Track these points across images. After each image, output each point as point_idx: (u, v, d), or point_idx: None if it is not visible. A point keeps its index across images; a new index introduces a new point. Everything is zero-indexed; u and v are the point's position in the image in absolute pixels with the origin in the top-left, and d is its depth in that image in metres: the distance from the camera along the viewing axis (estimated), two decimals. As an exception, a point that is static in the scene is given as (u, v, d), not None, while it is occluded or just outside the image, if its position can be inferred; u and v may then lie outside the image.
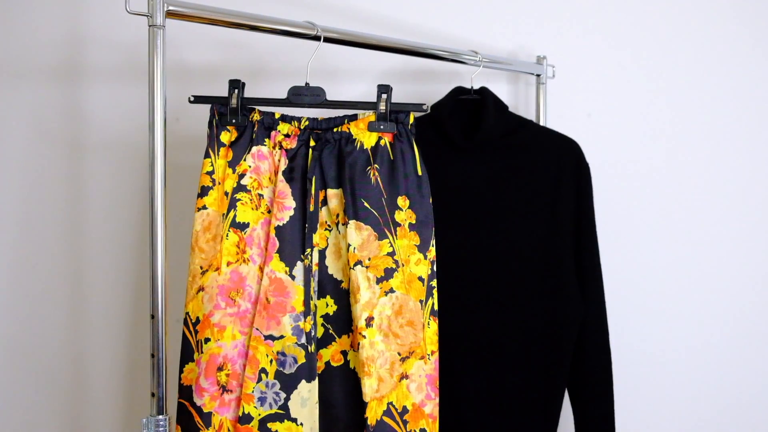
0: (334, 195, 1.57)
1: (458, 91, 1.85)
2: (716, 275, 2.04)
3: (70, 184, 2.16)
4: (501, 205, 1.78)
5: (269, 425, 1.50)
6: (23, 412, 2.24)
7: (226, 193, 1.57)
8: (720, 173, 2.05)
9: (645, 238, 2.06)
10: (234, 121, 1.60)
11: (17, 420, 2.24)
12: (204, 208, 1.58)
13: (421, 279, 1.56)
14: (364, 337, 1.50)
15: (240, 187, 1.57)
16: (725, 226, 2.05)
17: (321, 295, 1.56)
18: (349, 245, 1.53)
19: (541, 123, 2.00)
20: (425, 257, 1.57)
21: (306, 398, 1.52)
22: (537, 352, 1.77)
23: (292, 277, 1.53)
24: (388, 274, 1.54)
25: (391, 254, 1.54)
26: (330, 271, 1.57)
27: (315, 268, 1.56)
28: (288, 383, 1.51)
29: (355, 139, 1.59)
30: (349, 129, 1.60)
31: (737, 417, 2.03)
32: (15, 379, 2.23)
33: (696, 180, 2.05)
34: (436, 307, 1.57)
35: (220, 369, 1.51)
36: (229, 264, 1.54)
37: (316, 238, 1.56)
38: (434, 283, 1.57)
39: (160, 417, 1.45)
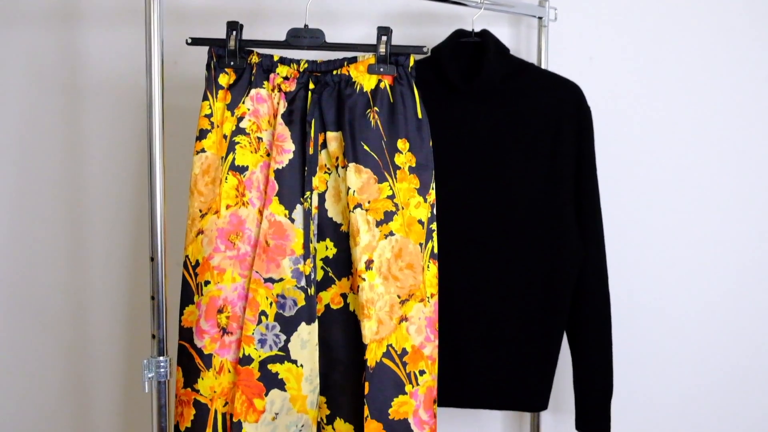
0: (333, 138, 1.56)
1: (459, 34, 1.83)
2: (718, 221, 2.04)
3: (68, 128, 2.15)
4: (501, 149, 1.78)
5: (269, 366, 1.51)
6: (24, 356, 2.25)
7: (225, 136, 1.56)
8: (723, 117, 2.04)
9: (645, 183, 2.05)
10: (232, 63, 1.58)
11: (18, 362, 2.26)
12: (203, 151, 1.57)
13: (420, 222, 1.55)
14: (364, 279, 1.51)
15: (239, 130, 1.56)
16: (727, 170, 2.04)
17: (320, 238, 1.57)
18: (349, 188, 1.52)
19: (543, 67, 1.98)
20: (425, 200, 1.56)
21: (306, 340, 1.52)
22: (536, 296, 1.77)
23: (292, 220, 1.53)
24: (388, 217, 1.53)
25: (391, 197, 1.54)
26: (329, 214, 1.57)
27: (314, 211, 1.55)
28: (288, 325, 1.52)
29: (355, 81, 1.58)
30: (348, 72, 1.58)
31: (736, 362, 2.04)
32: (16, 323, 2.24)
33: (697, 124, 2.04)
34: (435, 251, 1.57)
35: (220, 311, 1.52)
36: (228, 207, 1.54)
37: (316, 181, 1.56)
38: (434, 226, 1.57)
39: (161, 358, 1.46)
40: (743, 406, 2.04)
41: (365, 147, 1.54)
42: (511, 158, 1.77)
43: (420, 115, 1.58)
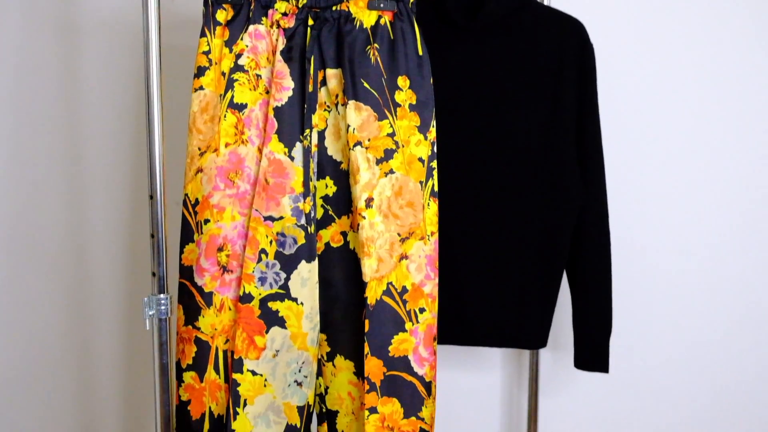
0: (333, 75, 1.55)
1: (460, -31, 1.80)
2: (720, 163, 2.03)
3: (65, 67, 2.13)
4: (503, 87, 1.76)
5: (270, 304, 1.52)
6: (25, 295, 2.26)
7: (223, 74, 1.55)
8: (726, 57, 2.02)
9: (648, 120, 2.04)
10: (230, -1, 1.56)
11: (19, 302, 2.27)
12: (201, 88, 1.56)
13: (421, 160, 1.55)
14: (364, 217, 1.50)
15: (237, 67, 1.54)
16: (728, 113, 2.02)
17: (320, 176, 1.56)
18: (349, 126, 1.51)
19: (545, 2, 1.95)
20: (425, 138, 1.55)
21: (306, 278, 1.53)
22: (536, 236, 1.77)
23: (291, 158, 1.52)
24: (388, 155, 1.52)
25: (391, 135, 1.53)
26: (329, 152, 1.56)
27: (314, 149, 1.55)
28: (288, 264, 1.52)
29: (355, 17, 1.55)
30: (348, 7, 1.56)
31: (737, 301, 2.05)
32: (16, 262, 2.25)
33: (700, 64, 2.02)
34: (436, 189, 1.56)
35: (220, 249, 1.52)
36: (227, 145, 1.53)
37: (315, 118, 1.54)
38: (434, 164, 1.56)
39: (161, 296, 1.47)
40: (742, 346, 2.05)
41: (365, 84, 1.52)
42: (512, 97, 1.76)
43: (420, 52, 1.56)
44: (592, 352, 1.81)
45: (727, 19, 2.00)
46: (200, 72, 1.56)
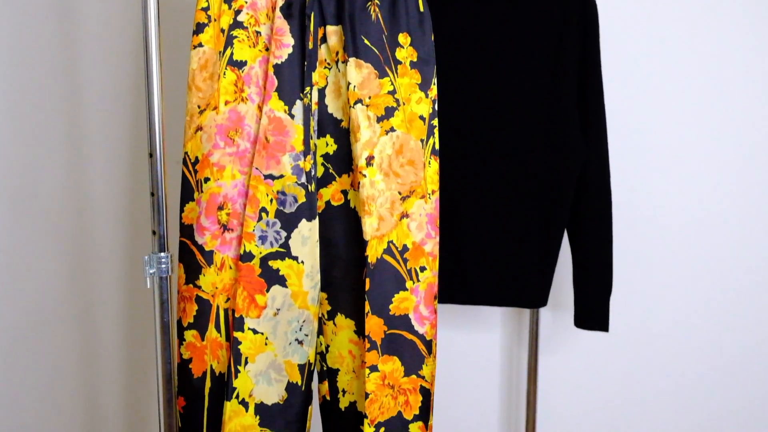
0: (333, 32, 1.53)
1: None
2: (723, 120, 2.02)
3: (62, 24, 2.11)
4: (504, 44, 1.74)
5: (270, 263, 1.52)
6: (25, 252, 2.26)
7: (223, 30, 1.53)
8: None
9: (650, 79, 2.02)
10: (228, -47, 1.54)
11: (19, 258, 2.27)
12: (200, 45, 1.54)
13: (422, 118, 1.53)
14: (365, 176, 1.50)
15: (236, 24, 1.52)
16: (731, 60, 2.01)
17: (321, 134, 1.55)
18: (349, 83, 1.50)
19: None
20: (426, 96, 1.54)
21: (306, 237, 1.52)
22: (537, 194, 1.77)
23: (292, 116, 1.51)
24: (389, 112, 1.51)
25: (392, 93, 1.51)
26: (330, 110, 1.55)
27: (314, 107, 1.53)
28: (288, 222, 1.52)
29: (355, -27, 1.53)
30: (348, -37, 1.54)
31: (738, 261, 2.05)
32: (15, 217, 2.25)
33: (703, 21, 2.00)
34: (437, 147, 1.55)
35: (220, 208, 1.52)
36: (227, 103, 1.52)
37: (316, 76, 1.53)
38: (435, 122, 1.55)
39: (162, 254, 1.47)
40: (744, 304, 2.06)
41: (366, 41, 1.51)
42: (514, 54, 1.74)
43: (422, 8, 1.55)
44: (592, 311, 1.81)
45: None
46: (199, 29, 1.54)
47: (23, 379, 2.39)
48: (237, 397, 1.53)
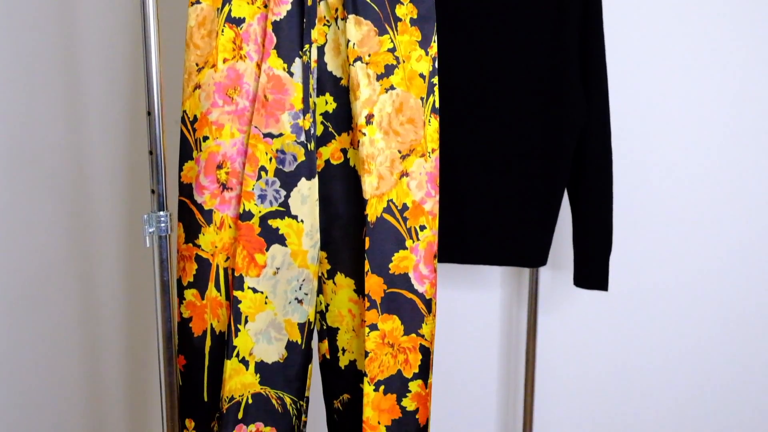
0: (332, -12, 1.51)
1: None
2: (725, 83, 2.00)
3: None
4: (505, 2, 1.73)
5: (270, 222, 1.51)
6: (24, 212, 2.26)
7: (221, -14, 1.51)
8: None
9: (653, 40, 2.00)
10: None
11: (19, 218, 2.27)
12: (197, 2, 1.52)
13: (422, 76, 1.52)
14: (364, 134, 1.49)
15: (234, -20, 1.51)
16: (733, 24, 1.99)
17: (320, 92, 1.54)
18: (349, 41, 1.48)
19: None
20: (427, 53, 1.52)
21: (306, 196, 1.52)
22: (538, 153, 1.76)
23: (291, 74, 1.50)
24: (389, 70, 1.50)
25: (392, 50, 1.50)
26: (329, 68, 1.53)
27: (314, 65, 1.52)
28: (288, 181, 1.51)
29: (355, -73, 1.51)
30: None
31: (737, 223, 2.05)
32: (14, 178, 2.24)
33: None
34: (437, 105, 1.54)
35: (219, 167, 1.51)
36: (225, 61, 1.50)
37: (315, 33, 1.51)
38: (435, 80, 1.54)
39: (161, 213, 1.46)
40: (744, 262, 2.06)
41: (365, -2, 1.49)
42: (515, 11, 1.73)
43: None
44: (591, 270, 1.82)
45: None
46: (197, -15, 1.52)
47: (24, 341, 2.40)
48: (237, 355, 1.54)
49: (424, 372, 1.59)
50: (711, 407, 2.12)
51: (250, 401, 1.57)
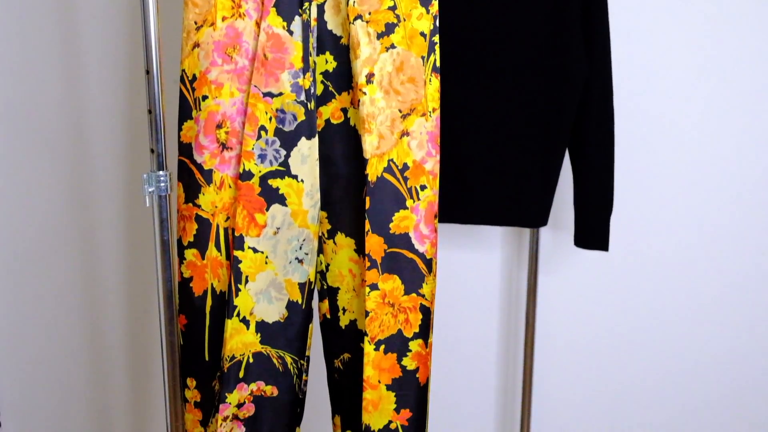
0: (332, -55, 1.49)
1: None
2: (730, 36, 1.99)
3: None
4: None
5: (270, 182, 1.51)
6: (25, 171, 2.26)
7: (219, -57, 1.49)
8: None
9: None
10: None
11: (19, 177, 2.27)
12: (196, -41, 1.50)
13: (423, 34, 1.51)
14: (365, 93, 1.48)
15: (232, -64, 1.49)
16: None
17: (320, 51, 1.52)
18: (349, -1, 1.47)
19: None
20: (427, 12, 1.51)
21: (306, 155, 1.51)
22: (539, 113, 1.75)
23: (290, 33, 1.48)
24: (389, 29, 1.48)
25: (392, 8, 1.48)
26: (329, 27, 1.52)
27: (313, 23, 1.50)
28: (288, 140, 1.50)
29: None
30: None
31: (736, 175, 2.04)
32: (12, 139, 2.23)
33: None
34: (438, 64, 1.53)
35: (219, 126, 1.50)
36: (224, 19, 1.49)
37: (314, -9, 1.50)
38: (436, 38, 1.52)
39: (161, 173, 1.45)
40: (744, 221, 2.05)
41: (365, -46, 1.47)
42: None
43: None
44: (592, 231, 1.82)
45: None
46: (194, -58, 1.50)
47: (26, 302, 2.40)
48: (238, 315, 1.54)
49: (425, 331, 1.60)
50: (709, 369, 2.13)
51: (251, 360, 1.58)
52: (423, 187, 1.53)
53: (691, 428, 2.17)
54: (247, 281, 1.53)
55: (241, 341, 1.56)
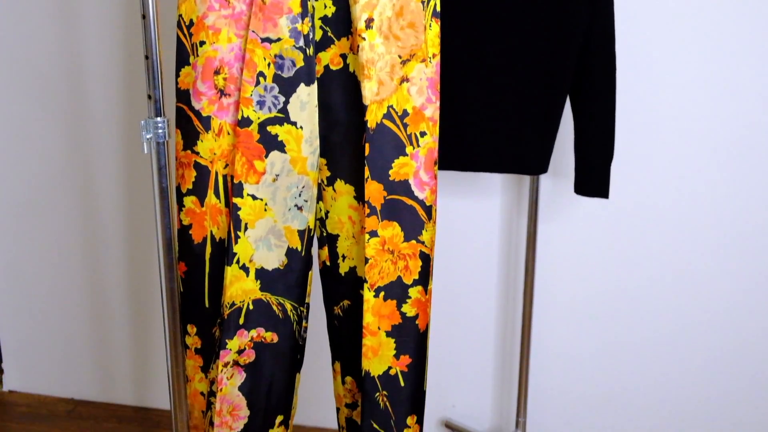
0: None
1: None
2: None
3: None
4: None
5: (269, 128, 1.50)
6: (24, 122, 2.25)
7: None
8: None
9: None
10: None
11: (19, 127, 2.26)
12: None
13: (422, -22, 1.49)
14: (364, 39, 1.46)
15: None
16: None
17: (319, -4, 1.50)
18: (348, -59, 1.44)
19: None
20: (427, -45, 1.49)
21: (305, 102, 1.50)
22: (540, 58, 1.74)
23: (288, -23, 1.46)
24: (389, -28, 1.46)
25: None
26: (327, -30, 1.50)
27: (312, -34, 1.48)
28: (286, 86, 1.49)
29: None
30: None
31: (740, 130, 2.03)
32: (9, 86, 2.22)
33: None
34: (438, 9, 1.51)
35: (217, 72, 1.48)
36: (221, -38, 1.46)
37: (313, -66, 1.47)
38: (437, -17, 1.50)
39: (159, 119, 1.44)
40: (747, 173, 2.05)
41: None
42: None
43: None
44: (592, 177, 1.81)
45: None
46: None
47: (28, 249, 2.41)
48: (237, 262, 1.55)
49: (424, 278, 1.60)
50: (710, 318, 2.14)
51: (251, 307, 1.58)
52: (423, 134, 1.52)
53: (689, 379, 2.19)
54: (246, 228, 1.53)
55: (240, 288, 1.56)
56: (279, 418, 1.69)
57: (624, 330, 2.19)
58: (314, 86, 1.50)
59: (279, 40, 1.47)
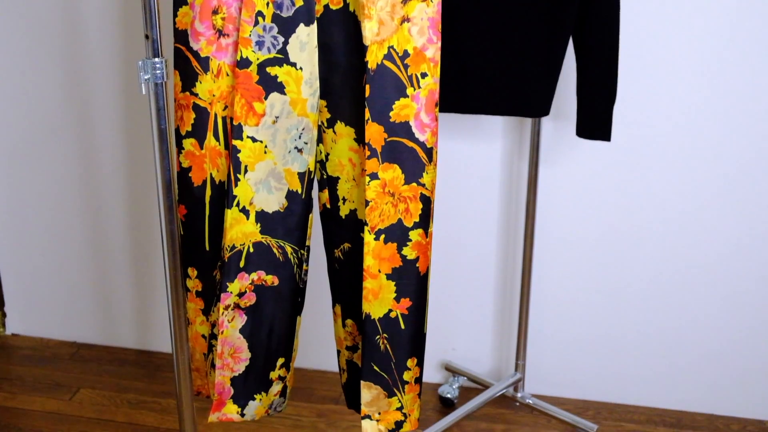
0: None
1: None
2: None
3: None
4: None
5: (268, 69, 1.48)
6: (18, 62, 2.23)
7: None
8: None
9: None
10: None
11: (11, 65, 2.24)
12: None
13: None
14: (364, -23, 1.43)
15: None
16: None
17: (318, -66, 1.47)
18: None
19: None
20: None
21: (305, 42, 1.48)
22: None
23: None
24: None
25: None
26: None
27: None
28: (286, 27, 1.47)
29: None
30: None
31: (742, 74, 2.01)
32: (9, 30, 2.20)
33: None
34: (439, -53, 1.48)
35: (215, 12, 1.46)
36: None
37: None
38: None
39: (156, 60, 1.42)
40: (747, 116, 2.03)
41: None
42: None
43: None
44: (594, 120, 1.80)
45: None
46: None
47: (27, 196, 2.41)
48: (237, 205, 1.54)
49: (425, 221, 1.60)
50: (708, 260, 2.15)
51: (251, 250, 1.58)
52: (424, 75, 1.50)
53: (687, 322, 2.20)
54: (246, 171, 1.52)
55: (241, 231, 1.56)
56: (280, 361, 1.70)
57: (624, 273, 2.20)
58: (314, 26, 1.48)
59: (278, -22, 1.44)
